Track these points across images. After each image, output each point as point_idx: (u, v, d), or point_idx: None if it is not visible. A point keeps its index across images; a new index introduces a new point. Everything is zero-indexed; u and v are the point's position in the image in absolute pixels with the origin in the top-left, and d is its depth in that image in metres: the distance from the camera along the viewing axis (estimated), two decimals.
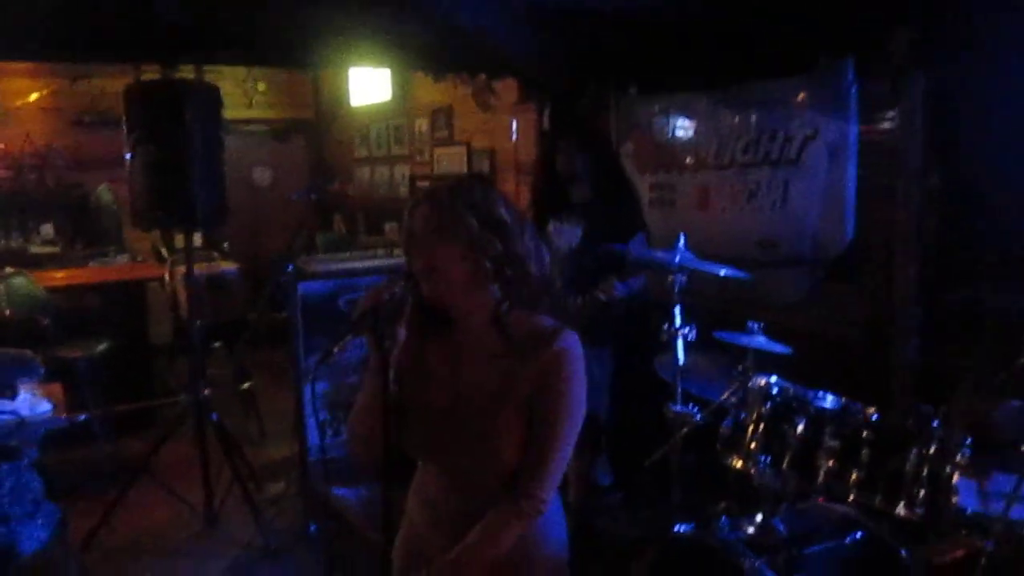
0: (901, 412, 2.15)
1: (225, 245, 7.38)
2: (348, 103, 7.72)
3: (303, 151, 8.71)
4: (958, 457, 2.05)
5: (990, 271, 3.09)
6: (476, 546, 1.63)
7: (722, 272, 2.76)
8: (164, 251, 6.60)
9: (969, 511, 2.06)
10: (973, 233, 3.15)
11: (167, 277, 5.60)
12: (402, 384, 1.67)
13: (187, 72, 4.73)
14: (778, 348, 2.36)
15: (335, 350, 1.47)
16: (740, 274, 2.82)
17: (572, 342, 1.64)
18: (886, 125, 3.34)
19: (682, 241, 2.75)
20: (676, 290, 2.64)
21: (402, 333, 1.57)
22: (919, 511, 2.03)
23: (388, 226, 7.02)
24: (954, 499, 2.05)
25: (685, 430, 2.56)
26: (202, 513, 4.17)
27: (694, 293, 2.97)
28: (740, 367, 2.37)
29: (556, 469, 1.64)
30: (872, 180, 3.42)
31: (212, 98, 3.92)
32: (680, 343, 2.57)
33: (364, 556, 3.85)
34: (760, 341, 2.33)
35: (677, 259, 2.68)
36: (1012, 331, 2.61)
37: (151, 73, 4.79)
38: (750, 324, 2.37)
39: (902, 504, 2.05)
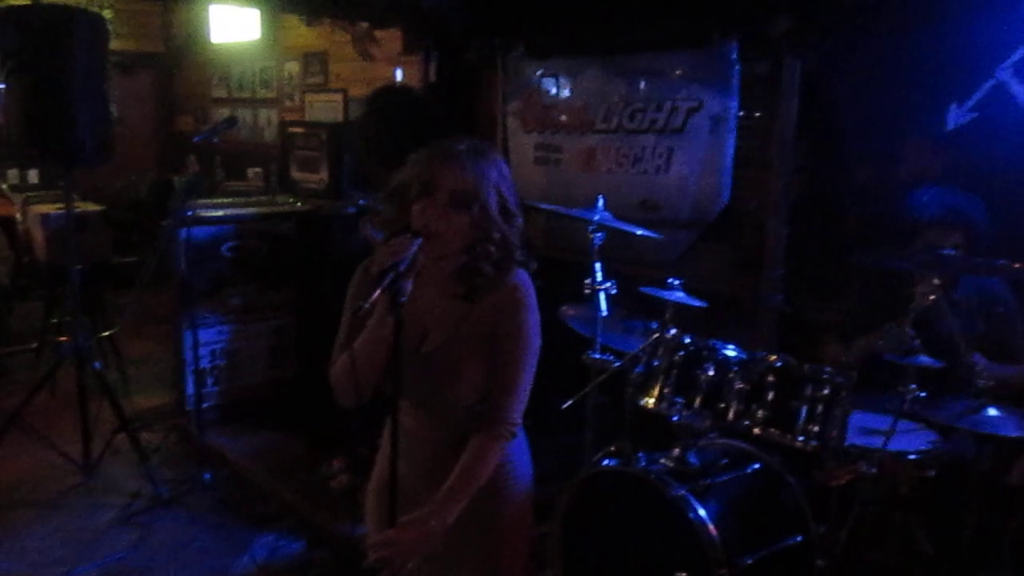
0: (799, 359, 2.47)
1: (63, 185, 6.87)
2: (206, 39, 7.33)
3: (150, 87, 8.22)
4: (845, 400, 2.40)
5: (849, 234, 3.55)
6: (464, 477, 1.77)
7: (639, 232, 3.00)
8: (3, 187, 6.09)
9: (847, 444, 2.44)
10: (835, 201, 3.60)
11: (19, 216, 5.21)
12: None
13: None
14: (696, 303, 2.64)
15: (366, 305, 1.55)
16: (654, 235, 3.08)
17: (523, 278, 1.82)
18: (763, 102, 3.68)
19: (601, 202, 2.95)
20: (595, 247, 2.84)
21: (409, 287, 1.64)
22: (813, 443, 2.38)
23: (251, 171, 6.81)
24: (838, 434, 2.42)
25: (603, 376, 2.80)
26: (79, 464, 4.01)
27: (577, 251, 3.08)
28: (659, 321, 2.63)
29: (523, 392, 1.82)
30: (748, 151, 3.77)
31: (98, 26, 3.71)
32: (603, 297, 2.79)
33: (260, 502, 3.89)
34: (680, 296, 2.59)
35: (596, 217, 2.88)
36: (868, 287, 3.06)
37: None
38: (670, 280, 2.62)
39: (799, 437, 2.39)
